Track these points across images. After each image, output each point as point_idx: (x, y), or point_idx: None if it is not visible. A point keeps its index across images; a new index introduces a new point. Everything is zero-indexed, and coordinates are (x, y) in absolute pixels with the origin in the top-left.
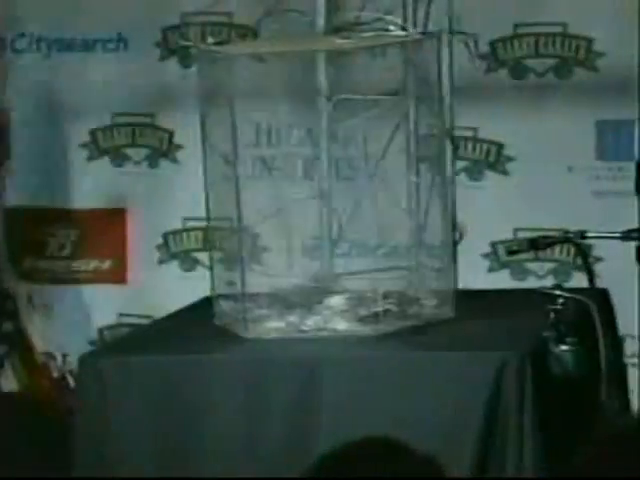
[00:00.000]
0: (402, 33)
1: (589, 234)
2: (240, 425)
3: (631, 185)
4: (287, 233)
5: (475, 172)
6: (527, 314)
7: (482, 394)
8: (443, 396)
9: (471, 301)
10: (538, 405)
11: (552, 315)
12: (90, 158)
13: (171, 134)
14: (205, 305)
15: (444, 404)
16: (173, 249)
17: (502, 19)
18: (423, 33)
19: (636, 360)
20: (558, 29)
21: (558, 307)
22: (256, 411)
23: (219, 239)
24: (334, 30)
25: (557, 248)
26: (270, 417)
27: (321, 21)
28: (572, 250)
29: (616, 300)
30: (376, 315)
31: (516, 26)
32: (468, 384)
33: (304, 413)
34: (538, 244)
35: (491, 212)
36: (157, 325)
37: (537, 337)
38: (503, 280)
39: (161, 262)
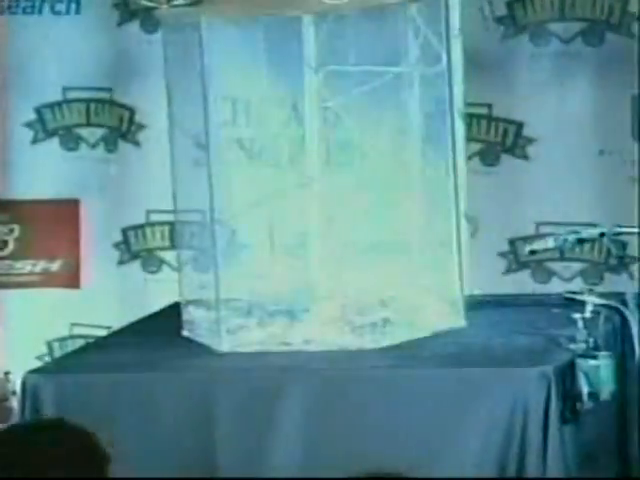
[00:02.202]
0: None
1: (625, 229)
2: (218, 455)
3: None
4: (269, 228)
5: (490, 156)
6: (551, 323)
7: (499, 417)
8: (453, 420)
9: (486, 308)
10: (564, 429)
11: (580, 324)
12: (36, 140)
13: (132, 112)
14: (172, 313)
15: (455, 429)
16: (135, 247)
17: None
18: None
19: None
20: None
21: (587, 315)
22: (237, 437)
23: (189, 235)
24: None
25: (586, 246)
26: (253, 445)
27: None
28: (604, 248)
29: None
30: (374, 325)
31: None
32: (482, 406)
33: (293, 439)
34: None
35: (509, 203)
36: (116, 337)
37: (563, 351)
38: (523, 283)
39: (121, 263)
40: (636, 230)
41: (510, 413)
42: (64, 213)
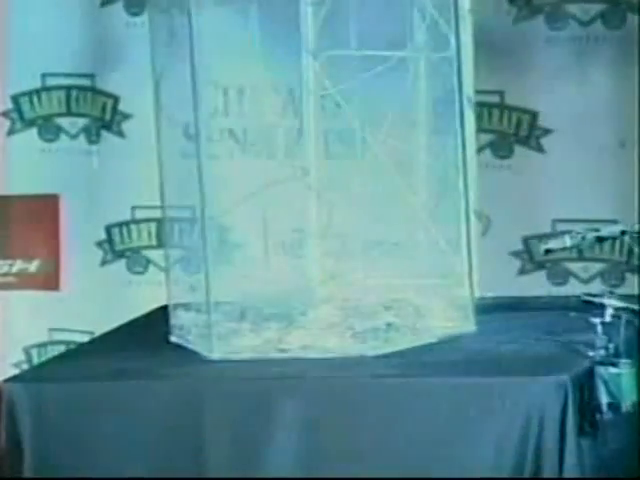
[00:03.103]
0: None
1: None
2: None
3: None
4: (263, 226)
5: (502, 148)
6: (568, 328)
7: (512, 431)
8: (462, 434)
9: (498, 312)
10: (582, 443)
11: (600, 330)
12: (13, 130)
13: (116, 100)
14: (159, 317)
15: (464, 444)
16: (119, 246)
17: None
18: None
19: None
20: None
21: (607, 319)
22: (229, 453)
23: (177, 233)
24: None
25: (606, 245)
26: (247, 456)
27: None
28: (625, 247)
29: None
30: (376, 330)
31: None
32: (493, 419)
33: (290, 454)
34: (583, 239)
35: (523, 199)
36: (98, 343)
37: (581, 358)
38: (538, 284)
39: (104, 263)
40: None
41: (524, 426)
42: (43, 209)
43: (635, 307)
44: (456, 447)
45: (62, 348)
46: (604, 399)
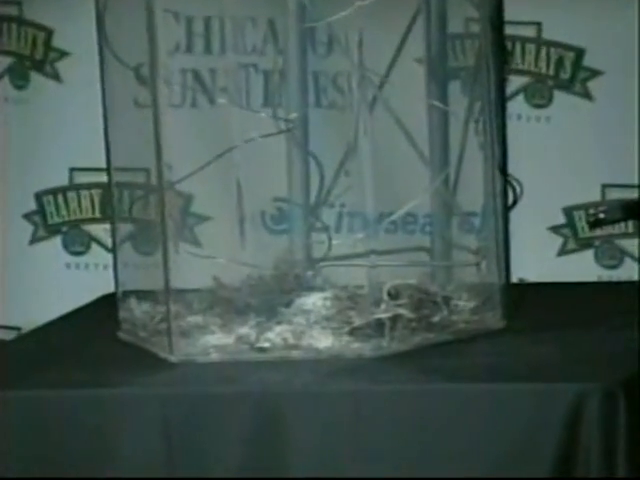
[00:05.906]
0: None
1: None
2: None
3: None
4: (237, 194)
5: (539, 95)
6: (620, 322)
7: (549, 447)
8: (488, 450)
9: (532, 302)
10: (637, 466)
11: None
12: None
13: (49, 33)
14: (105, 309)
15: (488, 462)
16: (53, 219)
17: None
18: None
19: None
20: None
21: None
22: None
23: (127, 203)
24: None
25: None
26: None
27: None
28: None
29: None
30: (379, 325)
31: None
32: (527, 432)
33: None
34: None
35: (564, 158)
36: (29, 342)
37: (635, 359)
38: (584, 267)
39: (34, 240)
40: None
41: (564, 443)
42: None
43: None
44: (479, 466)
45: None
46: None
